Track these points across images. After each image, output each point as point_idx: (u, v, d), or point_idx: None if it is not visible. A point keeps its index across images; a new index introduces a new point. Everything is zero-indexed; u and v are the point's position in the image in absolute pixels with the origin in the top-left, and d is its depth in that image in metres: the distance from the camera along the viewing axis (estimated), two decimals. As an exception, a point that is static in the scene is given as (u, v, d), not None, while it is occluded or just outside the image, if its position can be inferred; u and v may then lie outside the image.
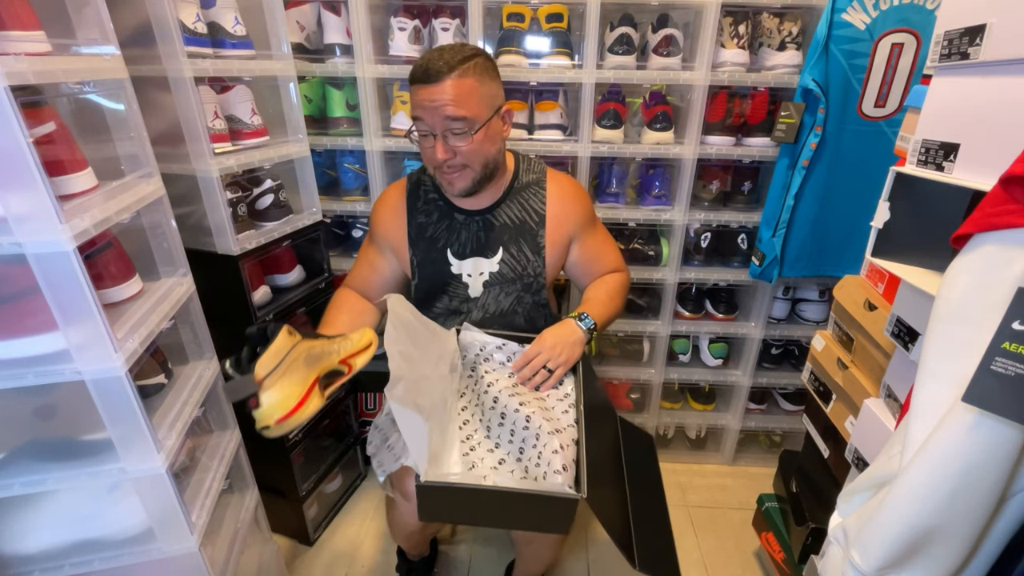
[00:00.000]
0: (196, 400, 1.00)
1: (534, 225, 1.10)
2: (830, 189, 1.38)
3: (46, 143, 0.76)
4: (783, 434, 1.91)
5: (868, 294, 1.01)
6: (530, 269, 1.10)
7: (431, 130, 0.95)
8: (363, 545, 1.56)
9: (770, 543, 1.38)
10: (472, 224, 1.09)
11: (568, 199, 1.12)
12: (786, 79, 1.39)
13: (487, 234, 1.09)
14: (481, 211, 1.09)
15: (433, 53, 0.94)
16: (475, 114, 0.95)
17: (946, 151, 0.72)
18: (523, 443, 0.91)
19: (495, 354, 1.07)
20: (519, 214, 1.10)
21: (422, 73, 0.93)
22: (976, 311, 0.54)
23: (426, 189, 1.12)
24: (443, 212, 1.10)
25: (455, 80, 0.92)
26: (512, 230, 1.09)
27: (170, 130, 1.07)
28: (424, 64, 0.93)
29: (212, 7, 1.12)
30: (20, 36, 0.72)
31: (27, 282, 0.72)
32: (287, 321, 1.35)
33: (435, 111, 0.93)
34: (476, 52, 0.96)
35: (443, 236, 1.10)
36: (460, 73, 0.92)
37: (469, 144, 0.97)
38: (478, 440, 0.94)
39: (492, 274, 1.10)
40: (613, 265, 1.21)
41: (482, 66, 0.96)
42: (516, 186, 1.10)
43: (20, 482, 0.82)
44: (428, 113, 0.94)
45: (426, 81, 0.92)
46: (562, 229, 1.12)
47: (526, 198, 1.10)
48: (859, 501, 0.67)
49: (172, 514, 0.92)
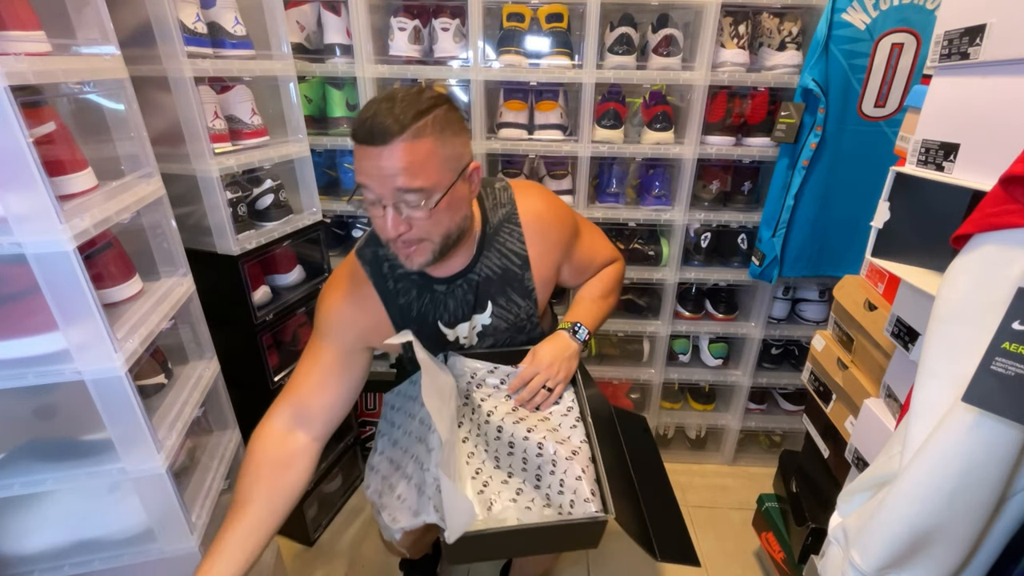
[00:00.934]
0: (196, 400, 1.00)
1: (518, 269, 0.97)
2: (830, 189, 1.38)
3: (46, 143, 0.76)
4: (783, 434, 1.91)
5: (868, 294, 1.01)
6: (522, 314, 1.01)
7: (379, 200, 0.78)
8: (363, 545, 1.56)
9: (770, 543, 1.38)
10: (456, 291, 0.95)
11: (547, 227, 0.98)
12: (786, 79, 1.39)
13: (475, 295, 0.96)
14: (461, 273, 0.94)
15: (381, 105, 0.75)
16: (434, 183, 0.77)
17: (946, 151, 0.72)
18: (539, 470, 0.87)
19: (487, 379, 1.01)
20: (500, 262, 0.96)
21: (365, 133, 0.74)
22: (976, 311, 0.54)
23: (392, 266, 0.93)
24: (421, 286, 0.94)
25: (408, 143, 0.74)
26: (497, 282, 0.96)
27: (170, 130, 1.07)
28: (368, 120, 0.74)
29: (212, 7, 1.12)
30: (20, 36, 0.72)
31: (27, 282, 0.72)
32: (286, 321, 1.36)
33: (384, 180, 0.75)
34: (434, 102, 0.77)
35: (430, 310, 0.96)
36: (414, 134, 0.74)
37: (427, 217, 0.79)
38: (489, 473, 0.90)
39: (485, 326, 1.00)
40: (605, 260, 1.12)
41: (442, 120, 0.77)
42: (488, 232, 0.95)
43: (20, 482, 0.82)
44: (375, 182, 0.76)
45: (370, 143, 0.74)
46: (548, 262, 1.00)
47: (503, 241, 0.96)
48: (859, 501, 0.67)
49: (172, 514, 0.92)
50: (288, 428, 0.91)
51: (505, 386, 1.01)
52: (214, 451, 1.12)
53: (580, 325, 1.02)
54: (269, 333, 1.33)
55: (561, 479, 0.86)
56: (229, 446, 1.14)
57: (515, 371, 1.01)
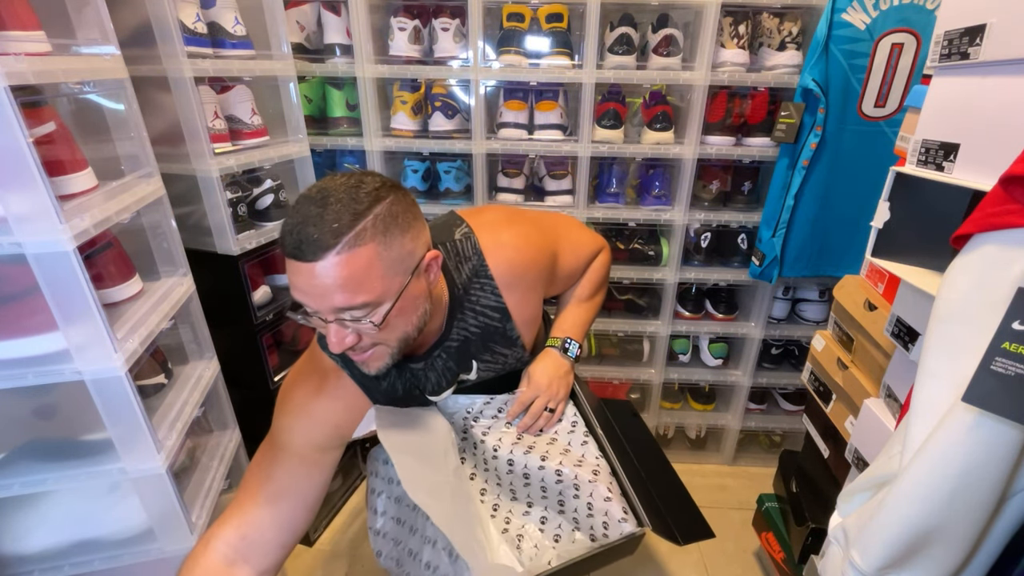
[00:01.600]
0: (196, 400, 1.00)
1: (498, 323, 0.88)
2: (830, 189, 1.38)
3: (46, 143, 0.76)
4: (783, 434, 1.91)
5: (868, 294, 1.01)
6: (511, 360, 0.93)
7: (320, 316, 0.66)
8: (363, 545, 1.56)
9: (770, 543, 1.38)
10: (435, 363, 0.86)
11: (521, 273, 0.87)
12: (786, 79, 1.39)
13: (456, 361, 0.88)
14: (436, 344, 0.85)
15: (310, 209, 0.62)
16: (379, 294, 0.66)
17: (946, 151, 0.72)
18: (561, 495, 0.85)
19: (484, 411, 0.96)
20: (476, 321, 0.86)
21: (293, 246, 0.61)
22: (976, 311, 0.54)
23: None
24: (399, 367, 0.84)
25: (344, 256, 0.62)
26: (477, 341, 0.88)
27: (170, 130, 1.07)
28: (296, 230, 0.61)
29: (212, 7, 1.12)
30: (20, 36, 0.72)
31: (27, 282, 0.72)
32: (286, 321, 1.36)
33: (320, 299, 0.64)
34: (375, 197, 0.65)
35: (413, 386, 0.87)
36: (350, 243, 0.62)
37: (377, 330, 0.68)
38: (508, 508, 0.86)
39: (472, 382, 0.95)
40: (590, 257, 1.03)
41: (384, 219, 0.65)
42: (458, 295, 0.84)
43: (20, 482, 0.82)
44: (311, 300, 0.64)
45: (300, 258, 0.61)
46: (528, 305, 0.91)
47: (475, 300, 0.85)
48: (859, 501, 0.67)
49: (172, 514, 0.92)
50: (229, 560, 0.75)
51: (504, 414, 0.96)
52: (214, 451, 1.12)
53: (570, 341, 0.98)
54: (269, 333, 1.33)
55: (588, 502, 0.83)
56: (229, 446, 1.14)
57: (512, 397, 0.97)
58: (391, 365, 0.75)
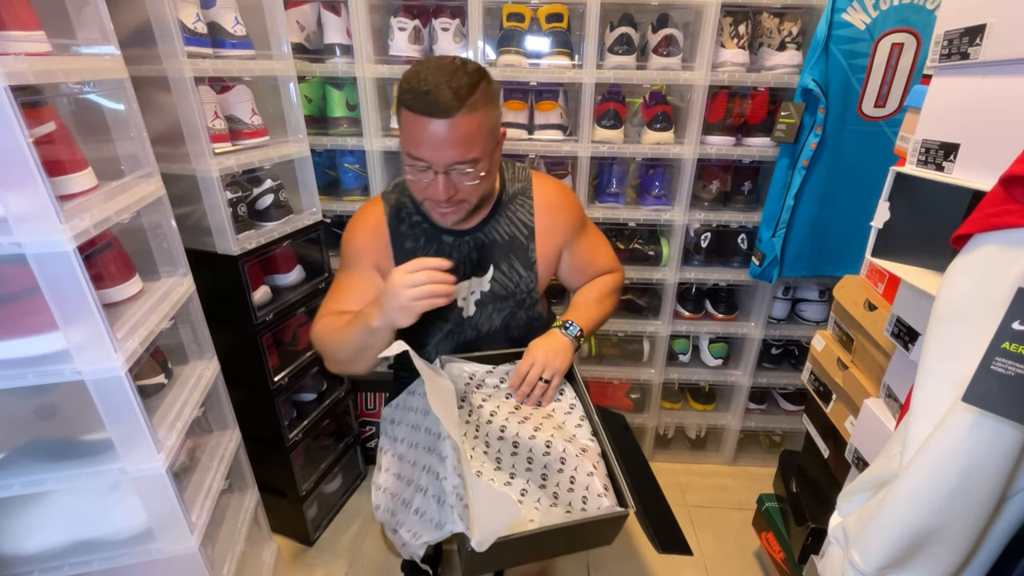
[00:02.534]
0: (196, 400, 1.00)
1: (524, 239, 1.03)
2: (830, 189, 1.38)
3: (46, 143, 0.76)
4: (783, 434, 1.91)
5: (868, 294, 1.01)
6: (522, 285, 1.04)
7: (432, 167, 0.84)
8: (363, 545, 1.56)
9: (770, 543, 1.38)
10: (463, 246, 1.00)
11: (555, 208, 1.05)
12: (786, 79, 1.39)
13: (478, 254, 1.01)
14: (471, 230, 1.00)
15: (438, 76, 0.79)
16: (482, 152, 0.85)
17: (946, 151, 0.72)
18: (545, 469, 0.87)
19: (487, 379, 1.01)
20: (508, 229, 1.02)
21: (426, 104, 0.78)
22: (976, 311, 0.54)
23: (408, 212, 1.01)
24: (430, 236, 1.00)
25: (465, 116, 0.80)
26: (502, 247, 1.02)
27: (170, 130, 1.07)
28: (428, 92, 0.78)
29: (212, 7, 1.12)
30: (20, 36, 0.72)
31: (27, 282, 0.72)
32: (286, 321, 1.36)
33: (442, 150, 0.81)
34: (480, 74, 0.83)
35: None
36: (470, 108, 0.80)
37: (475, 183, 0.87)
38: (489, 476, 0.88)
39: (484, 293, 1.04)
40: (605, 266, 1.15)
41: (486, 93, 0.83)
42: (503, 199, 1.02)
43: (20, 482, 0.82)
44: (433, 151, 0.81)
45: (435, 115, 0.78)
46: (552, 240, 1.05)
47: (514, 211, 1.02)
48: (859, 501, 0.67)
49: (172, 514, 0.92)
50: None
51: (505, 385, 1.01)
52: (214, 451, 1.12)
53: (571, 322, 1.04)
54: (269, 333, 1.33)
55: (572, 476, 0.85)
56: (229, 446, 1.14)
57: (513, 367, 1.02)
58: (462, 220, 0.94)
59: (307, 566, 1.50)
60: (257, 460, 1.26)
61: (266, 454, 1.38)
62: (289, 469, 1.42)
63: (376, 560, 1.52)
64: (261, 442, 1.36)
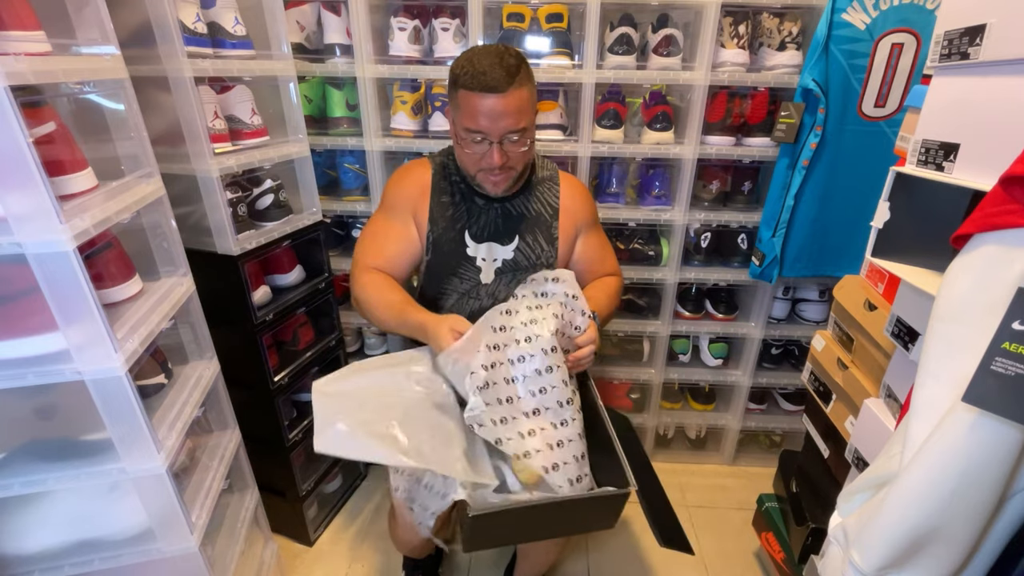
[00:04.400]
0: (196, 400, 1.00)
1: (548, 217, 1.13)
2: (830, 189, 1.38)
3: (46, 143, 0.76)
4: (783, 434, 1.91)
5: (868, 294, 1.01)
6: (543, 259, 1.13)
7: (488, 137, 0.97)
8: (363, 545, 1.56)
9: (770, 543, 1.38)
10: (491, 210, 1.11)
11: (578, 196, 1.17)
12: (786, 79, 1.39)
13: (505, 221, 1.11)
14: (501, 199, 1.11)
15: (489, 59, 0.93)
16: (529, 122, 0.99)
17: (946, 151, 0.72)
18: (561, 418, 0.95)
19: (522, 294, 1.07)
20: (536, 206, 1.13)
21: (485, 82, 0.92)
22: (976, 311, 0.54)
23: (449, 172, 1.12)
24: (464, 195, 1.11)
25: (517, 91, 0.94)
26: (529, 220, 1.12)
27: (170, 130, 1.07)
28: (484, 71, 0.92)
29: (212, 7, 1.12)
30: (20, 36, 0.72)
31: (27, 282, 0.72)
32: (286, 321, 1.36)
33: (498, 121, 0.94)
34: (521, 56, 0.97)
35: (463, 217, 1.11)
36: (519, 83, 0.94)
37: (524, 150, 1.01)
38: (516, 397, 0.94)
39: (506, 261, 1.12)
40: (612, 268, 1.23)
41: (528, 72, 0.98)
42: (534, 180, 1.14)
43: (20, 482, 0.82)
44: (490, 122, 0.95)
45: (491, 91, 0.92)
46: (572, 221, 1.15)
47: (542, 192, 1.14)
48: (859, 501, 0.67)
49: (172, 514, 0.92)
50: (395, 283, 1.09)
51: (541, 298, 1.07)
52: (214, 451, 1.12)
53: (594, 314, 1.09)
54: (269, 333, 1.33)
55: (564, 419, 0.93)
56: (229, 446, 1.14)
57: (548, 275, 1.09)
58: (511, 188, 1.08)
59: (307, 566, 1.50)
60: (257, 460, 1.26)
61: (266, 454, 1.38)
62: (289, 469, 1.42)
63: (376, 560, 1.51)
64: (261, 442, 1.36)
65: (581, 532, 1.05)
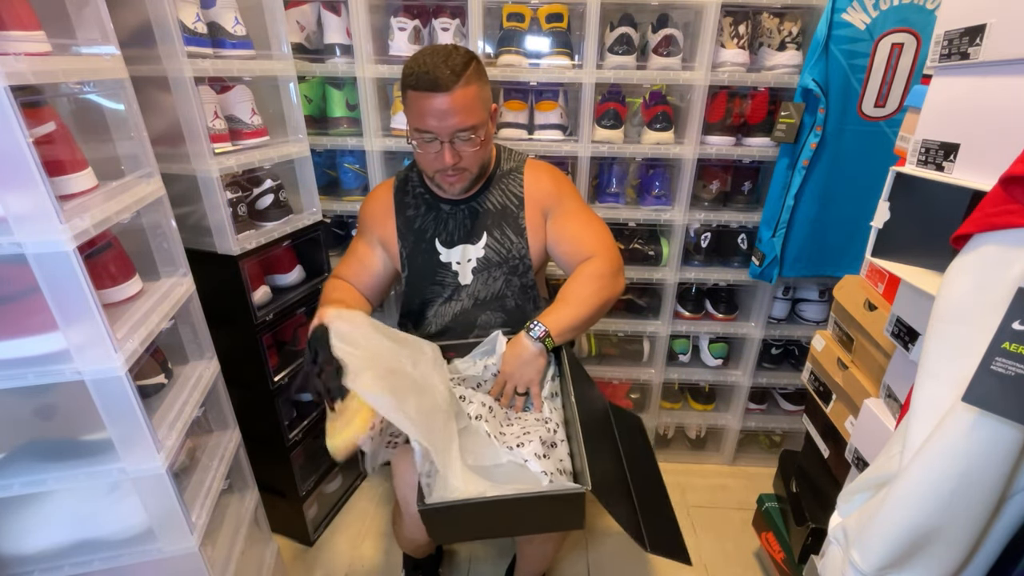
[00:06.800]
0: (196, 400, 1.00)
1: (514, 208, 1.13)
2: (830, 189, 1.38)
3: (46, 143, 0.76)
4: (783, 434, 1.91)
5: (868, 294, 1.01)
6: (515, 251, 1.13)
7: (438, 137, 0.97)
8: (363, 545, 1.56)
9: (770, 543, 1.38)
10: (458, 213, 1.13)
11: (543, 180, 1.15)
12: (786, 79, 1.39)
13: (472, 221, 1.13)
14: (466, 200, 1.12)
15: (435, 59, 0.93)
16: (479, 120, 0.98)
17: (946, 151, 0.72)
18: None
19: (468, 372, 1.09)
20: (500, 199, 1.13)
21: (429, 81, 0.92)
22: (976, 311, 0.54)
23: (413, 185, 1.15)
24: (429, 204, 1.14)
25: (463, 89, 0.93)
26: (495, 215, 1.13)
27: (170, 130, 1.07)
28: (428, 71, 0.92)
29: (212, 7, 1.12)
30: (20, 36, 0.72)
31: (27, 282, 0.72)
32: (286, 321, 1.36)
33: (445, 120, 0.94)
34: (470, 55, 0.97)
35: (431, 227, 1.13)
36: (466, 81, 0.94)
37: (475, 149, 1.00)
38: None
39: (479, 259, 1.13)
40: (592, 248, 1.10)
41: (477, 70, 0.97)
42: (497, 174, 1.14)
43: (20, 482, 0.82)
44: (437, 122, 0.95)
45: (434, 90, 0.92)
46: (538, 207, 1.14)
47: (506, 184, 1.14)
48: (859, 501, 0.67)
49: (172, 514, 0.92)
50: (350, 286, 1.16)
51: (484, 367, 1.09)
52: (214, 451, 1.12)
53: (537, 323, 1.02)
54: (269, 333, 1.33)
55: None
56: (229, 446, 1.14)
57: (493, 341, 1.09)
58: (467, 189, 1.08)
59: (307, 566, 1.50)
60: (257, 460, 1.26)
61: (266, 454, 1.37)
62: (289, 469, 1.42)
63: (376, 560, 1.52)
64: (261, 442, 1.36)
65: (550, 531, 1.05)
